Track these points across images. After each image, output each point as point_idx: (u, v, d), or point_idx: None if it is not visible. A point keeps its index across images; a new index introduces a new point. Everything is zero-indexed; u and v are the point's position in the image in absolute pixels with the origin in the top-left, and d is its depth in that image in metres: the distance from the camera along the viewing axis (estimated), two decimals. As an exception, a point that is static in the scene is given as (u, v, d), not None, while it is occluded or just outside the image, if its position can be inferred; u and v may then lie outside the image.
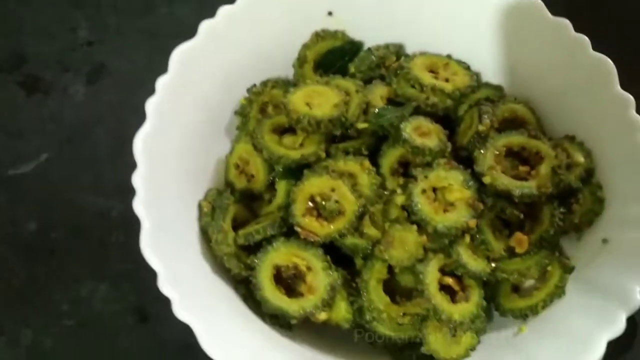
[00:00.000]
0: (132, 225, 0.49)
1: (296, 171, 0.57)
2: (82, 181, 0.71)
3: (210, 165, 0.61)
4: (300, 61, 0.64)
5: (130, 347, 0.63)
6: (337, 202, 0.55)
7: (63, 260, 0.67)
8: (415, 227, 0.54)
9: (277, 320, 0.55)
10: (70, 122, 0.75)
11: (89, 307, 0.65)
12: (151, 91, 0.54)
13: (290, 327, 0.55)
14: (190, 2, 0.82)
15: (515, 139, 0.58)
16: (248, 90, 0.62)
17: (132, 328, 0.64)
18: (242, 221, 0.59)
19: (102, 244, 0.67)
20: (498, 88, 0.63)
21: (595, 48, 0.56)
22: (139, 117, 0.53)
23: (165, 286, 0.47)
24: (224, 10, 0.59)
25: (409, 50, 0.66)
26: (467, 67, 0.64)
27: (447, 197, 0.55)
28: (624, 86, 0.54)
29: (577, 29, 0.57)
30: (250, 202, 0.61)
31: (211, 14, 0.59)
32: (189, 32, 0.57)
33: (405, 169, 0.58)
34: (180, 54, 0.56)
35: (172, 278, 0.48)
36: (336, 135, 0.58)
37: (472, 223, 0.54)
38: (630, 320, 0.48)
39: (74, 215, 0.69)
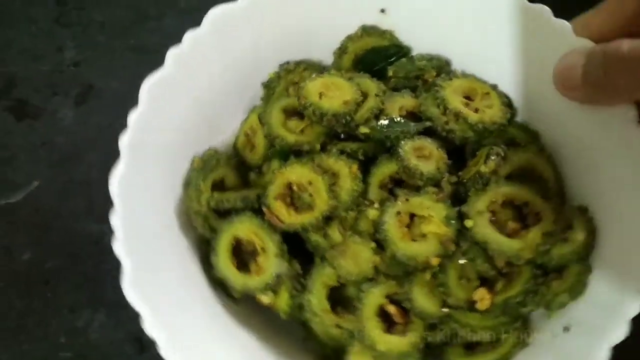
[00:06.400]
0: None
1: (290, 154, 0.57)
2: (75, 207, 0.70)
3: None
4: (341, 51, 0.63)
5: (129, 378, 0.63)
6: (311, 195, 0.54)
7: (58, 289, 0.67)
8: (373, 244, 0.52)
9: (223, 289, 0.56)
10: (61, 147, 0.73)
11: (86, 337, 0.64)
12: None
13: (234, 300, 0.56)
14: (181, 13, 0.79)
15: (521, 193, 0.53)
16: (280, 66, 0.63)
17: (131, 358, 0.63)
18: (232, 187, 0.60)
19: (97, 271, 0.67)
20: (531, 133, 0.58)
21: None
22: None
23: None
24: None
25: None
26: (508, 104, 0.59)
27: (422, 227, 0.52)
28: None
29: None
30: (249, 171, 0.62)
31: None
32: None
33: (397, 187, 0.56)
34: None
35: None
36: (340, 133, 0.57)
37: (435, 261, 0.51)
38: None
39: (68, 242, 0.68)
